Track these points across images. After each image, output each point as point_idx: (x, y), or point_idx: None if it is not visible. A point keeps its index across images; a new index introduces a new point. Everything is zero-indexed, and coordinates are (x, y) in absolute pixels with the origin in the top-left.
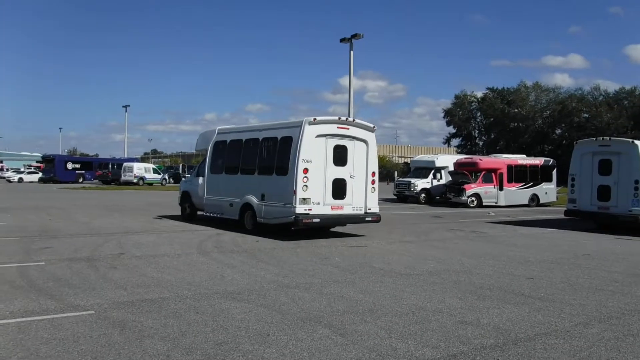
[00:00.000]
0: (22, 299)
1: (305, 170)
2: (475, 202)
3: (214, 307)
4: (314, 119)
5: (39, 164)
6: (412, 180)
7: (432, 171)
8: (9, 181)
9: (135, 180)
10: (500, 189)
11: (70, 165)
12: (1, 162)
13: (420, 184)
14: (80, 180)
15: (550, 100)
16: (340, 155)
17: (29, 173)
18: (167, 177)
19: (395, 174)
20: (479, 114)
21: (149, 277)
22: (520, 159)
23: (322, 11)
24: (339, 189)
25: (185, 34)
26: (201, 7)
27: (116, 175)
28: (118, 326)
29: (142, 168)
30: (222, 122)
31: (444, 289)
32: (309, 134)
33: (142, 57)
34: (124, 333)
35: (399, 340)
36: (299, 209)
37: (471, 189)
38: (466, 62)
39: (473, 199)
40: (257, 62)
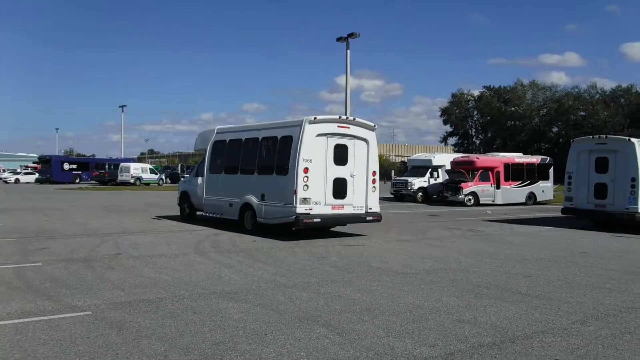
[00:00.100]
0: (19, 300)
1: (306, 170)
2: (472, 201)
3: (211, 307)
4: (314, 118)
5: (35, 165)
6: (409, 179)
7: (429, 170)
8: (6, 182)
9: (132, 181)
10: (497, 187)
11: (66, 166)
12: None
13: (418, 182)
14: (77, 181)
15: (547, 99)
16: (340, 155)
17: (25, 174)
18: (164, 177)
19: (392, 173)
20: (475, 112)
21: (146, 277)
22: (517, 157)
23: (321, 11)
24: (340, 188)
25: (185, 34)
26: (201, 7)
27: (113, 176)
28: (115, 327)
29: (139, 168)
30: (219, 122)
31: (441, 287)
32: (309, 133)
33: (142, 57)
34: (121, 333)
35: (397, 339)
36: (300, 208)
37: (468, 187)
38: (463, 60)
39: (470, 197)
40: (257, 62)
